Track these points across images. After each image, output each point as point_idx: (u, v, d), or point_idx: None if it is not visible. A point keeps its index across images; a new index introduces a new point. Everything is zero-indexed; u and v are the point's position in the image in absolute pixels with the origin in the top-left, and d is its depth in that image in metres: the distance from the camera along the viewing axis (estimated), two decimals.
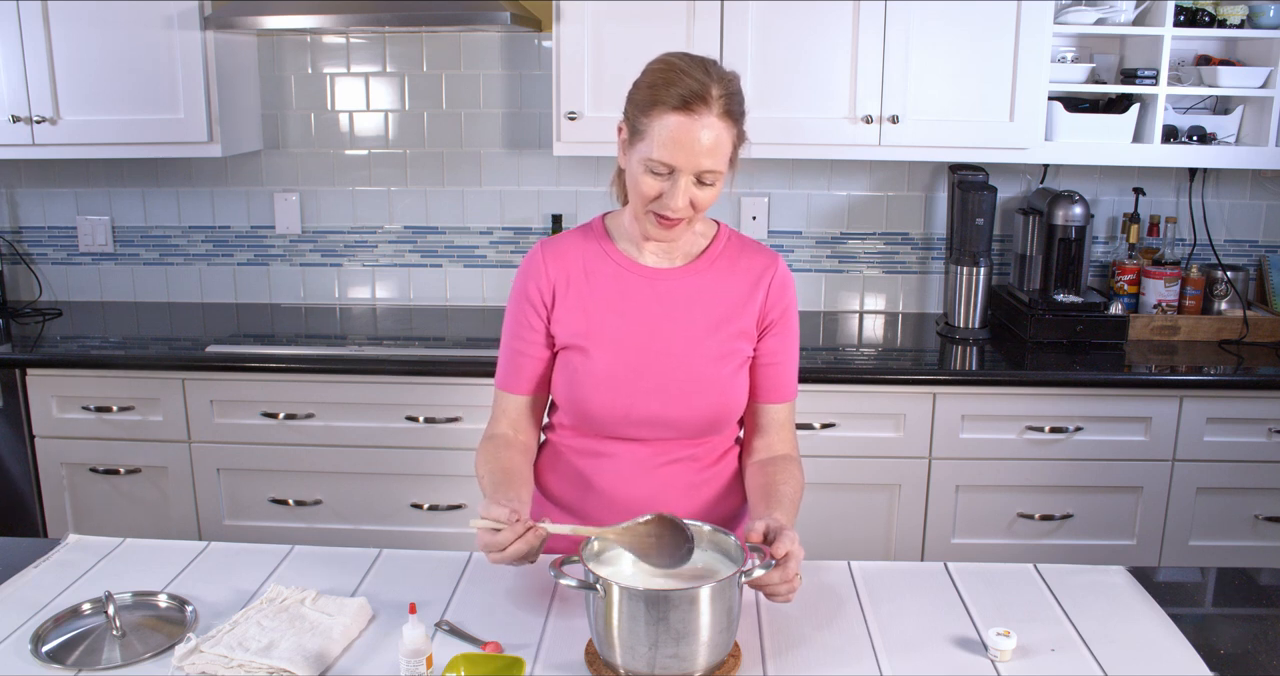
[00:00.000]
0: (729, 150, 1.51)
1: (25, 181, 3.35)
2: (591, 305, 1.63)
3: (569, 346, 1.64)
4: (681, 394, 1.60)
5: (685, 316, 1.62)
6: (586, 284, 1.63)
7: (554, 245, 1.67)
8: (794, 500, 1.59)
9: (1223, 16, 2.82)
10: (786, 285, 1.67)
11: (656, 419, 1.61)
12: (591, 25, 2.75)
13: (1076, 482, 2.70)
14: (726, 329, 1.63)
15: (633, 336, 1.61)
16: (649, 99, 1.48)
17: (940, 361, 2.83)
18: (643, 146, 1.49)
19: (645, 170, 1.49)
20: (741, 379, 1.65)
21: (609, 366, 1.60)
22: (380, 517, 2.83)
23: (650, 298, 1.62)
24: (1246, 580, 1.64)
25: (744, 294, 1.64)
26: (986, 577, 1.59)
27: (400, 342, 2.93)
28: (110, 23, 2.84)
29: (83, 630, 1.43)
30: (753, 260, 1.67)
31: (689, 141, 1.46)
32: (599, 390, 1.60)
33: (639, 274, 1.63)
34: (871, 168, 3.19)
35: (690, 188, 1.49)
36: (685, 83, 1.46)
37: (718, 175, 1.50)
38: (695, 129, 1.45)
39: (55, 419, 2.80)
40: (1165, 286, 3.02)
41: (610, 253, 1.65)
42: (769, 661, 1.36)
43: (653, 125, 1.47)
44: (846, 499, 2.73)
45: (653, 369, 1.60)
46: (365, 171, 3.28)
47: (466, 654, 1.31)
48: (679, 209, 1.50)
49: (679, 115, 1.45)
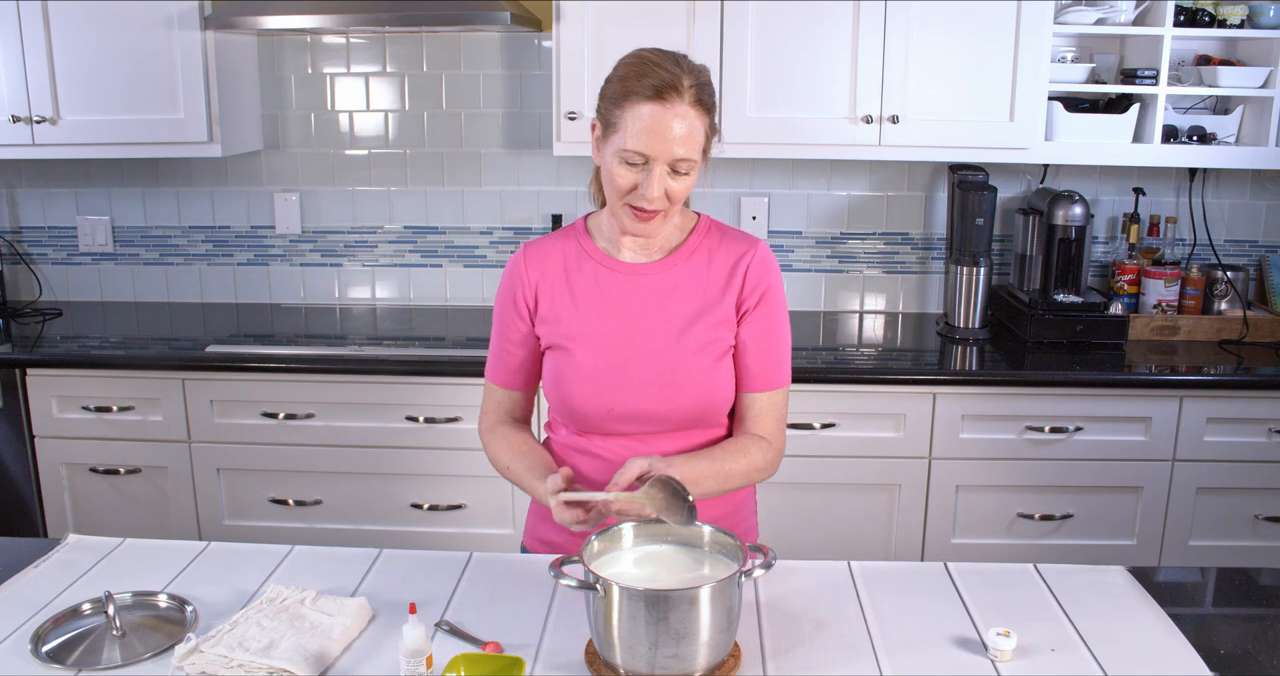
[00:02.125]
0: (702, 140, 1.52)
1: (25, 181, 3.35)
2: (573, 305, 1.64)
3: (554, 346, 1.65)
4: (664, 387, 1.60)
5: (665, 310, 1.62)
6: (567, 284, 1.65)
7: (535, 248, 1.69)
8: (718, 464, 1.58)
9: (1223, 16, 2.82)
10: (766, 268, 1.65)
11: (641, 414, 1.61)
12: (591, 25, 2.75)
13: (1076, 482, 2.70)
14: (706, 319, 1.62)
15: (614, 333, 1.62)
16: (621, 91, 1.50)
17: (940, 361, 2.83)
18: (616, 139, 1.50)
19: (620, 162, 1.51)
20: (725, 369, 1.63)
21: (592, 364, 1.61)
22: (380, 517, 2.83)
23: (631, 293, 1.63)
24: (1246, 580, 1.64)
25: (723, 281, 1.63)
26: (986, 577, 1.59)
27: (400, 343, 2.93)
28: (110, 23, 2.84)
29: (83, 630, 1.43)
30: (731, 247, 1.66)
31: (662, 130, 1.47)
32: (583, 387, 1.62)
33: (618, 270, 1.64)
34: (871, 168, 3.19)
35: (665, 178, 1.51)
36: (657, 74, 1.48)
37: (692, 164, 1.52)
38: (668, 118, 1.48)
39: (55, 419, 2.80)
40: (1165, 286, 3.02)
41: (590, 251, 1.66)
42: (769, 661, 1.36)
43: (626, 117, 1.49)
44: (846, 499, 2.73)
45: (635, 364, 1.60)
46: (365, 171, 3.28)
47: (466, 654, 1.31)
48: (654, 199, 1.51)
49: (652, 104, 1.48)
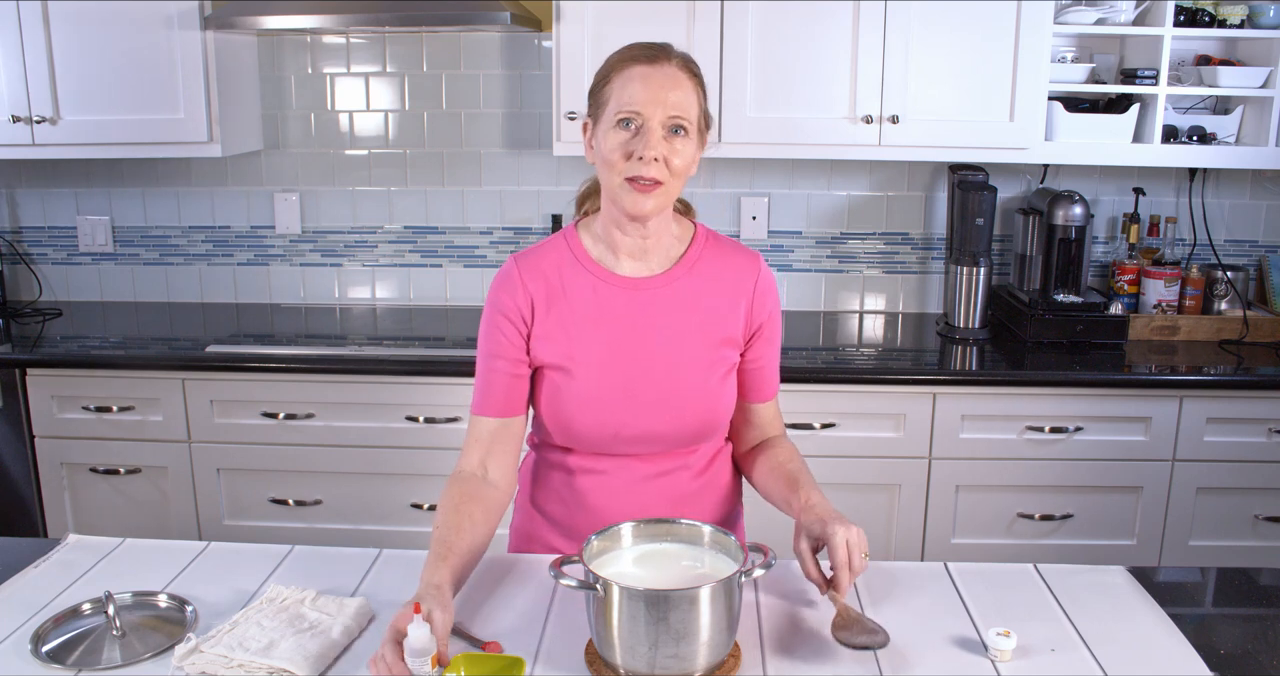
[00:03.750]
0: (695, 105, 1.52)
1: (25, 181, 3.35)
2: (571, 322, 1.57)
3: (550, 366, 1.58)
4: (671, 408, 1.57)
5: (668, 327, 1.58)
6: (565, 299, 1.57)
7: (528, 259, 1.61)
8: (807, 472, 1.60)
9: (1223, 16, 2.82)
10: (770, 289, 1.65)
11: (647, 435, 1.58)
12: (592, 25, 2.75)
13: (1076, 482, 2.70)
14: (711, 337, 1.59)
15: (616, 354, 1.56)
16: (607, 69, 1.53)
17: (940, 361, 2.83)
18: (608, 112, 1.50)
19: (614, 129, 1.49)
20: (730, 385, 1.63)
21: (594, 387, 1.56)
22: (380, 517, 2.83)
23: (631, 310, 1.58)
24: (1246, 580, 1.64)
25: (728, 301, 1.61)
26: (986, 577, 1.59)
27: (400, 343, 2.93)
28: (110, 23, 2.84)
29: (83, 630, 1.43)
30: (734, 263, 1.63)
31: (655, 84, 1.48)
32: (585, 411, 1.56)
33: (617, 285, 1.58)
34: (871, 168, 3.19)
35: (661, 140, 1.48)
36: (641, 46, 1.53)
37: (688, 126, 1.50)
38: (659, 74, 1.49)
39: (55, 419, 2.80)
40: (1165, 286, 3.02)
41: (585, 263, 1.59)
42: (769, 661, 1.36)
43: (614, 86, 1.50)
44: (846, 499, 2.73)
45: (640, 385, 1.56)
46: (365, 171, 3.28)
47: (466, 654, 1.31)
48: (652, 162, 1.47)
49: (641, 65, 1.50)
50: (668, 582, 1.35)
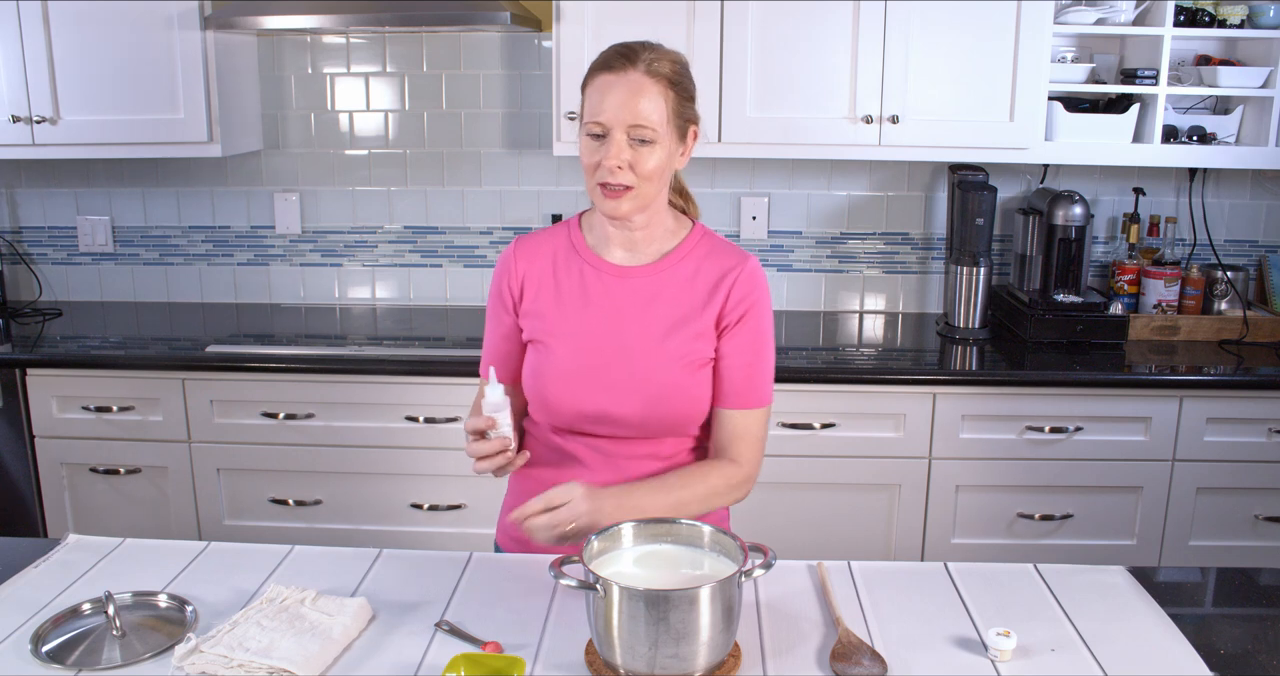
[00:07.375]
0: (662, 110, 1.53)
1: (25, 181, 3.35)
2: (556, 301, 1.65)
3: (534, 340, 1.66)
4: (636, 392, 1.60)
5: (645, 315, 1.62)
6: (554, 280, 1.66)
7: (526, 242, 1.71)
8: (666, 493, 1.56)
9: (1223, 16, 2.82)
10: (753, 285, 1.63)
11: (609, 416, 1.61)
12: (591, 25, 2.75)
13: (1076, 482, 2.70)
14: (686, 329, 1.61)
15: (592, 333, 1.62)
16: (585, 77, 1.58)
17: (940, 361, 2.83)
18: (583, 120, 1.57)
19: (587, 140, 1.55)
20: (701, 381, 1.62)
21: (567, 361, 1.62)
22: (380, 517, 2.83)
23: (613, 295, 1.63)
24: (1246, 580, 1.65)
25: (706, 294, 1.62)
26: (986, 577, 1.59)
27: (400, 343, 2.93)
28: (110, 23, 2.84)
29: (83, 630, 1.43)
30: (720, 260, 1.64)
31: (614, 96, 1.52)
32: (556, 383, 1.62)
33: (605, 271, 1.65)
34: (871, 168, 3.19)
35: (625, 147, 1.52)
36: (614, 50, 1.56)
37: (652, 133, 1.53)
38: (618, 84, 1.53)
39: (55, 419, 2.80)
40: (1165, 286, 3.02)
41: (580, 249, 1.67)
42: (769, 661, 1.36)
43: (587, 94, 1.57)
44: (846, 499, 2.73)
45: (608, 366, 1.60)
46: (365, 171, 3.28)
47: (466, 654, 1.31)
48: (614, 168, 1.52)
49: (604, 74, 1.55)
50: (668, 583, 1.35)
